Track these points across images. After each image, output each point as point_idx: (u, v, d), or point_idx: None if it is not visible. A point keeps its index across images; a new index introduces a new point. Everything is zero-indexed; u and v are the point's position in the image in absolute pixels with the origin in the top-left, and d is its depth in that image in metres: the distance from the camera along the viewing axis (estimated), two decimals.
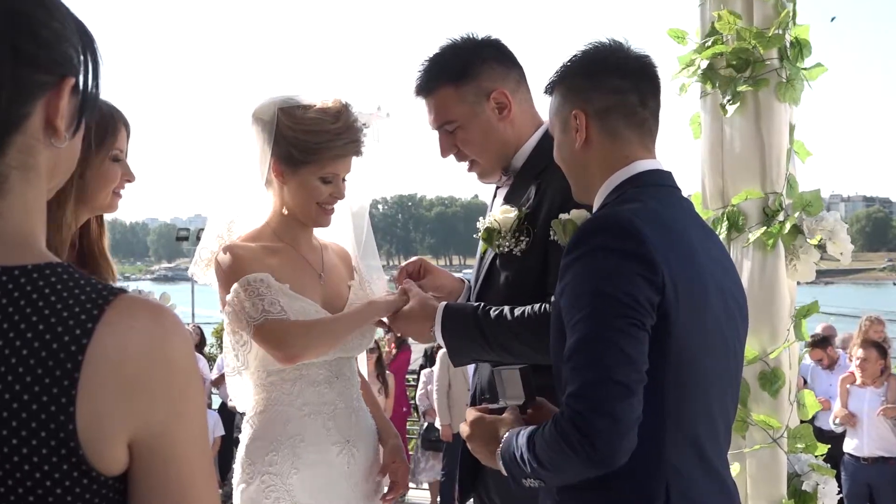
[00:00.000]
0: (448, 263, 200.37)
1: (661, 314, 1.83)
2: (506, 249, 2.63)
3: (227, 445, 10.37)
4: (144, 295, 2.55)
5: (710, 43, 3.51)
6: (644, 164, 2.05)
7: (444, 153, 2.79)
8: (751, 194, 3.41)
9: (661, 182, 2.07)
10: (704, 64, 3.49)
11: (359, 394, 2.90)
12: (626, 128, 2.06)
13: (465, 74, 2.71)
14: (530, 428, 1.93)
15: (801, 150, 3.54)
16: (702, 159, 3.56)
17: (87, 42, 1.19)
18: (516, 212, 2.64)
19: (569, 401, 1.79)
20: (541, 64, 2.68)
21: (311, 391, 2.76)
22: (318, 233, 2.96)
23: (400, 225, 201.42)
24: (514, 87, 2.76)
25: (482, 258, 2.79)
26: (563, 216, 2.50)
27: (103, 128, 2.32)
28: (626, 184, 2.03)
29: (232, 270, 2.71)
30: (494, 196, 2.91)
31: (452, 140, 2.76)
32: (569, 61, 2.16)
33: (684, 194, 2.19)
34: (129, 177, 2.41)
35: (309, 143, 2.72)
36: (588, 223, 1.97)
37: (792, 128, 3.49)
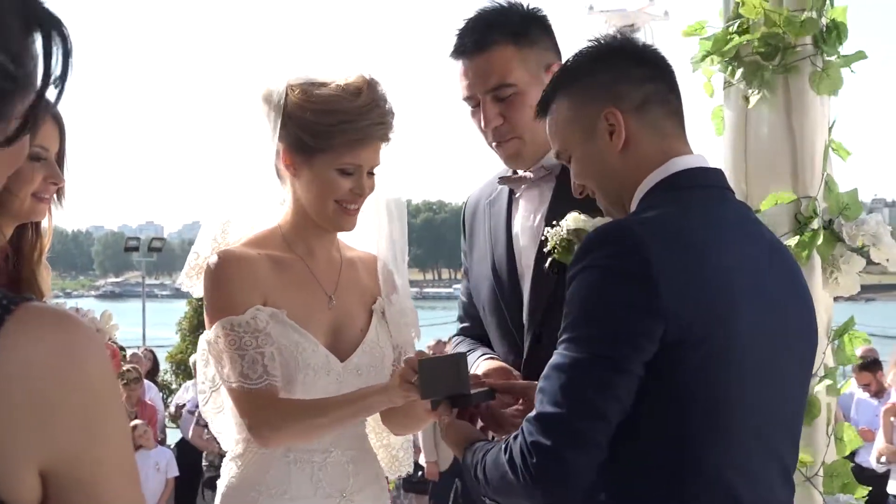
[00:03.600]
0: (436, 277, 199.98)
1: (668, 344, 1.81)
2: None
3: (189, 488, 10.30)
4: (86, 311, 2.53)
5: (734, 27, 3.51)
6: (682, 162, 2.01)
7: (490, 123, 2.66)
8: (780, 198, 3.41)
9: (703, 182, 2.02)
10: (729, 52, 3.50)
11: (362, 441, 2.75)
12: (665, 118, 2.03)
13: (527, 37, 2.63)
14: (485, 446, 2.04)
15: (840, 149, 3.53)
16: (723, 159, 3.56)
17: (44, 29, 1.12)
18: (592, 219, 2.52)
19: (527, 425, 1.87)
20: None
21: None
22: (353, 241, 2.82)
23: None
24: None
25: (539, 276, 2.65)
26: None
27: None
28: (658, 187, 1.99)
29: (218, 287, 2.56)
30: (510, 203, 2.82)
31: (500, 108, 2.65)
32: (571, 63, 2.12)
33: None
34: (54, 179, 2.33)
35: (321, 126, 2.53)
36: (594, 233, 1.96)
37: (831, 126, 3.50)
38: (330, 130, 2.54)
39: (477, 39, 2.64)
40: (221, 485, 2.67)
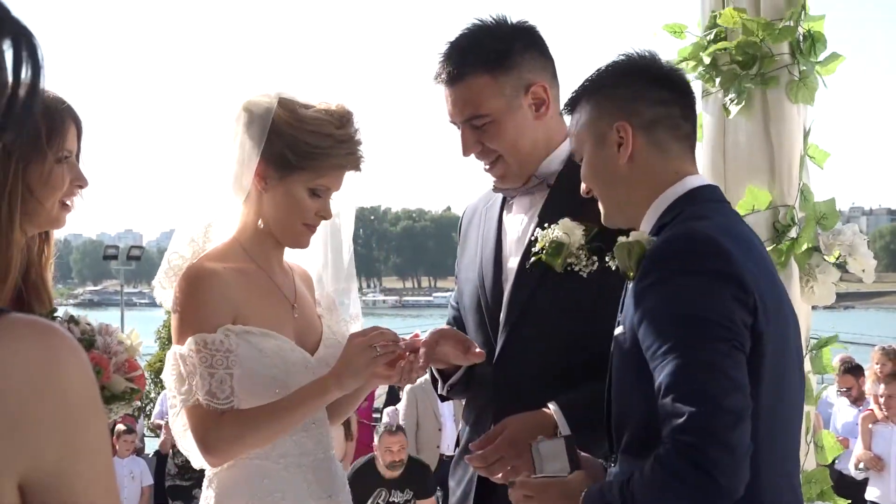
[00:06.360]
0: (416, 285, 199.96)
1: (755, 336, 1.94)
2: (576, 268, 2.60)
3: (158, 493, 10.29)
4: (86, 320, 2.49)
5: (711, 36, 3.53)
6: (695, 180, 2.18)
7: (468, 151, 2.74)
8: (757, 202, 3.42)
9: (714, 197, 2.19)
10: (706, 59, 3.52)
11: (331, 438, 2.81)
12: (673, 141, 2.19)
13: (504, 63, 2.68)
14: (619, 479, 2.03)
15: (818, 154, 3.55)
16: (702, 166, 3.58)
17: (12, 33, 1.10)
18: (583, 228, 2.57)
19: (676, 435, 1.88)
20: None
21: (288, 441, 2.64)
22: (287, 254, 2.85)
23: (361, 242, 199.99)
24: (550, 81, 2.75)
25: (522, 276, 2.70)
26: (623, 238, 2.45)
27: (48, 126, 2.21)
28: (681, 201, 2.13)
29: (193, 303, 2.61)
30: (503, 208, 2.86)
31: (478, 136, 2.72)
32: (600, 72, 2.27)
33: None
34: (80, 182, 2.32)
35: (309, 147, 2.61)
36: (664, 244, 2.06)
37: (807, 133, 3.52)
38: (318, 153, 2.62)
39: (451, 71, 2.70)
40: (208, 499, 2.65)
